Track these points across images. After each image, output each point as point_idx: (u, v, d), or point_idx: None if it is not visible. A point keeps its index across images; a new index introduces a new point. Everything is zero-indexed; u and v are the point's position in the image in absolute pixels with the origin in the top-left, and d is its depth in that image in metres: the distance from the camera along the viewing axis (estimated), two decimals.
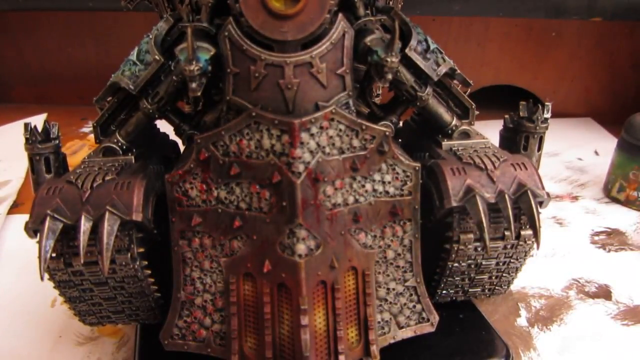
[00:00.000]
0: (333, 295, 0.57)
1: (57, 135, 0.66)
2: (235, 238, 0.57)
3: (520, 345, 0.71)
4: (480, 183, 0.59)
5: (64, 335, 0.72)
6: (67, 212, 0.55)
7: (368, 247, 0.59)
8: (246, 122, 0.54)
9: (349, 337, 0.58)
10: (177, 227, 0.59)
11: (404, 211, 0.60)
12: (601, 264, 0.89)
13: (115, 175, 0.59)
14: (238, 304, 0.58)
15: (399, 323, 0.62)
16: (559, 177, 1.24)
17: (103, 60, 1.66)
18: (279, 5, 0.52)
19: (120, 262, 0.58)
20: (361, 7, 0.60)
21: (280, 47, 0.54)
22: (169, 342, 0.61)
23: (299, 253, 0.54)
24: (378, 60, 0.56)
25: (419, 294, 0.63)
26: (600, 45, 1.56)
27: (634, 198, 1.07)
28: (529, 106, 0.70)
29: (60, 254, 0.57)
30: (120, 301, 0.63)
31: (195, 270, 0.59)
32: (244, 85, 0.55)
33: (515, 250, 0.64)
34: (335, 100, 0.56)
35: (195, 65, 0.53)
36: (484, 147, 0.66)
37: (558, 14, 1.49)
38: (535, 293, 0.81)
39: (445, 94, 0.68)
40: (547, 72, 1.62)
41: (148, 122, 0.65)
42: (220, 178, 0.56)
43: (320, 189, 0.55)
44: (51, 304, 0.78)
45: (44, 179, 0.64)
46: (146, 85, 0.61)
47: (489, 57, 1.61)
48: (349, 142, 0.56)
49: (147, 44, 0.61)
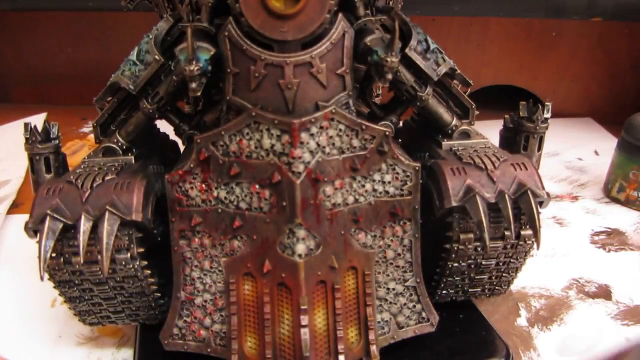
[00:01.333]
0: (333, 295, 0.57)
1: (57, 135, 0.66)
2: (235, 238, 0.57)
3: (520, 345, 0.71)
4: (480, 183, 0.59)
5: (63, 335, 0.72)
6: (67, 212, 0.56)
7: (368, 247, 0.59)
8: (246, 122, 0.54)
9: (349, 337, 0.58)
10: (177, 227, 0.59)
11: (404, 211, 0.60)
12: (601, 264, 0.89)
13: (115, 175, 0.59)
14: (238, 303, 0.58)
15: (399, 323, 0.62)
16: (559, 177, 1.23)
17: (103, 60, 1.66)
18: (279, 5, 0.52)
19: (120, 262, 0.58)
20: (361, 7, 0.60)
21: (280, 47, 0.54)
22: (169, 342, 0.61)
23: (299, 253, 0.54)
24: (378, 60, 0.56)
25: (418, 293, 0.63)
26: (600, 45, 1.56)
27: (634, 198, 1.07)
28: (529, 106, 0.70)
29: (60, 253, 0.57)
30: (120, 301, 0.63)
31: (195, 270, 0.59)
32: (244, 85, 0.55)
33: (515, 250, 0.64)
34: (335, 100, 0.56)
35: (195, 65, 0.53)
36: (484, 147, 0.66)
37: (558, 14, 1.49)
38: (535, 293, 0.81)
39: (445, 94, 0.68)
40: (547, 72, 1.62)
41: (148, 122, 0.65)
42: (220, 178, 0.56)
43: (320, 188, 0.55)
44: (51, 304, 0.78)
45: (44, 179, 0.64)
46: (146, 85, 0.61)
47: (489, 57, 1.61)
48: (349, 142, 0.56)
49: (147, 43, 0.61)
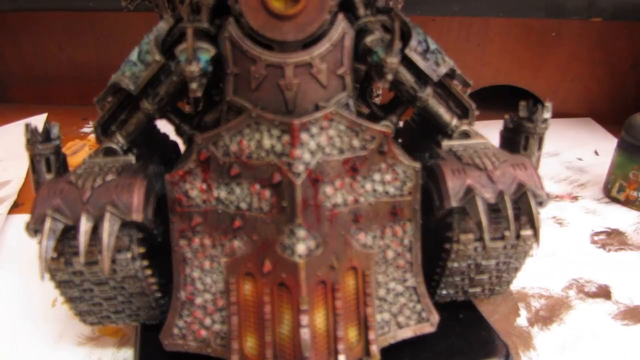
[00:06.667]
0: (333, 295, 0.57)
1: (58, 135, 0.66)
2: (236, 238, 0.57)
3: (520, 345, 0.71)
4: (480, 183, 0.59)
5: (64, 335, 0.72)
6: (68, 212, 0.56)
7: (368, 247, 0.59)
8: (246, 122, 0.54)
9: (349, 337, 0.58)
10: (177, 227, 0.59)
11: (403, 211, 0.60)
12: (601, 264, 0.89)
13: (116, 175, 0.59)
14: (238, 304, 0.58)
15: (399, 323, 0.62)
16: (559, 177, 1.23)
17: (103, 61, 1.66)
18: (279, 5, 0.52)
19: (121, 262, 0.58)
20: (361, 8, 0.60)
21: (280, 48, 0.54)
22: (169, 342, 0.61)
23: (299, 253, 0.55)
24: (378, 61, 0.56)
25: (418, 294, 0.63)
26: (600, 45, 1.56)
27: (634, 198, 1.07)
28: (529, 106, 0.70)
29: (60, 254, 0.57)
30: (120, 301, 0.63)
31: (195, 270, 0.60)
32: (245, 85, 0.55)
33: (515, 251, 0.64)
34: (335, 100, 0.56)
35: (196, 65, 0.53)
36: (483, 147, 0.66)
37: (558, 14, 1.48)
38: (535, 293, 0.81)
39: (445, 94, 0.68)
40: (547, 72, 1.62)
41: (148, 123, 0.65)
42: (220, 178, 0.57)
43: (320, 189, 0.55)
44: (52, 304, 0.78)
45: (45, 179, 0.64)
46: (146, 85, 0.61)
47: (489, 57, 1.61)
48: (349, 143, 0.56)
49: (147, 44, 0.61)
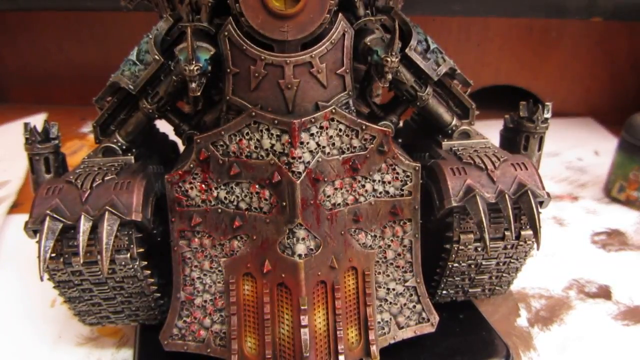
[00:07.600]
0: (333, 295, 0.57)
1: (57, 135, 0.66)
2: (235, 238, 0.57)
3: (520, 346, 0.71)
4: (480, 183, 0.59)
5: (63, 336, 0.72)
6: (67, 212, 0.55)
7: (368, 247, 0.59)
8: (246, 122, 0.54)
9: (349, 337, 0.58)
10: (176, 227, 0.59)
11: (404, 211, 0.60)
12: (601, 264, 0.89)
13: (115, 175, 0.59)
14: (238, 304, 0.58)
15: (399, 323, 0.62)
16: (559, 177, 1.23)
17: (102, 60, 1.65)
18: (279, 5, 0.52)
19: (120, 262, 0.58)
20: (361, 7, 0.60)
21: (280, 47, 0.54)
22: (169, 342, 0.61)
23: (299, 253, 0.54)
24: (378, 60, 0.56)
25: (419, 294, 0.63)
26: (600, 45, 1.56)
27: (634, 198, 1.07)
28: (529, 106, 0.70)
29: (59, 254, 0.57)
30: (119, 301, 0.63)
31: (195, 270, 0.59)
32: (244, 85, 0.55)
33: (515, 251, 0.64)
34: (335, 100, 0.56)
35: (195, 65, 0.53)
36: (484, 147, 0.65)
37: (558, 14, 1.48)
38: (535, 293, 0.81)
39: (445, 94, 0.68)
40: (547, 72, 1.62)
41: (148, 122, 0.65)
42: (220, 178, 0.56)
43: (320, 189, 0.55)
44: (51, 304, 0.78)
45: (44, 179, 0.64)
46: (146, 85, 0.61)
47: (489, 57, 1.61)
48: (349, 142, 0.56)
49: (146, 43, 0.61)
